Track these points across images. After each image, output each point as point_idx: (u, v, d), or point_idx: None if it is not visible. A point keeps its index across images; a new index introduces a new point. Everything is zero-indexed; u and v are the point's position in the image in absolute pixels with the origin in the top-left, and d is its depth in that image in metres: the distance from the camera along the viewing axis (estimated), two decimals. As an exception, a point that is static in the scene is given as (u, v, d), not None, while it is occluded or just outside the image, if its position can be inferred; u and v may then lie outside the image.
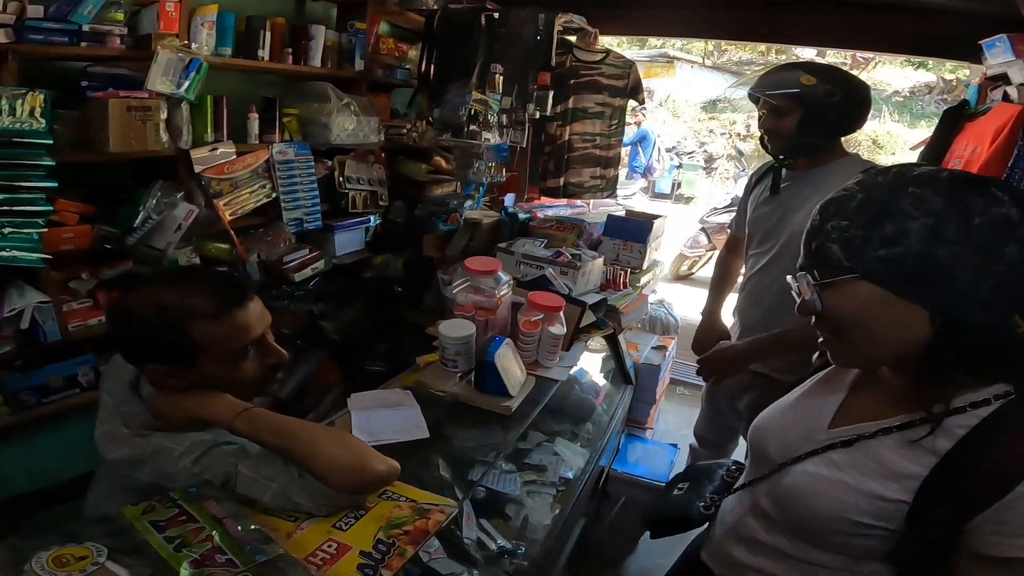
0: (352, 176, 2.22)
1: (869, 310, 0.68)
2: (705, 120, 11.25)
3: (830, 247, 0.70)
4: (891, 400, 0.75)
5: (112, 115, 1.47)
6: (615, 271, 1.83)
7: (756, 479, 0.89)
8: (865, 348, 0.72)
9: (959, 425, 0.67)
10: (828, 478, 0.74)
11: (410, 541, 0.82)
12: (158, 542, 0.71)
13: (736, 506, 0.93)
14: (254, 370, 0.95)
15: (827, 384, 0.87)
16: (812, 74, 1.48)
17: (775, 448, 0.85)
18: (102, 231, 1.49)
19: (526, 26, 2.36)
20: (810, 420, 0.83)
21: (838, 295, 0.70)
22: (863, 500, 0.70)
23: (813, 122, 1.49)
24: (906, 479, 0.68)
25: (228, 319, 0.90)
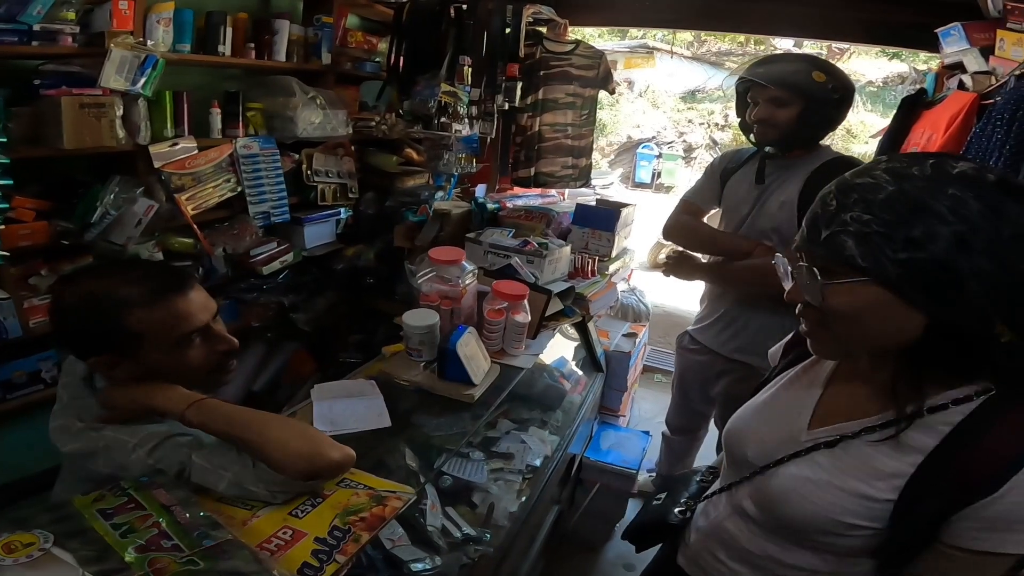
0: (320, 169, 2.21)
1: (870, 311, 0.65)
2: (684, 110, 11.32)
3: (844, 240, 0.64)
4: (870, 396, 0.74)
5: (65, 112, 1.46)
6: (583, 259, 1.85)
7: (735, 482, 0.87)
8: (852, 343, 0.71)
9: (942, 422, 0.66)
10: (815, 480, 0.73)
11: (366, 527, 0.83)
12: (104, 528, 0.72)
13: (716, 509, 0.91)
14: (201, 358, 0.95)
15: (800, 381, 0.85)
16: (821, 71, 1.51)
17: (754, 451, 0.84)
18: (59, 227, 1.48)
19: (494, 17, 2.36)
20: (788, 421, 0.81)
21: (841, 293, 0.66)
22: (852, 501, 0.70)
23: (813, 116, 1.53)
24: (892, 478, 0.68)
25: (164, 306, 0.90)
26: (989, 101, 1.80)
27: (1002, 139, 1.60)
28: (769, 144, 1.62)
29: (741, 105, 1.68)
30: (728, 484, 0.90)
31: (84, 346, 0.91)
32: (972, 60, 1.98)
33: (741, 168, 1.76)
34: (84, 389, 0.95)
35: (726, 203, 1.77)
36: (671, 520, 0.99)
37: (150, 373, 0.92)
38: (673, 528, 1.00)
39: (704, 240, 1.76)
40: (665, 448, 2.33)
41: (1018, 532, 0.62)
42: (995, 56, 1.86)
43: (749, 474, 0.84)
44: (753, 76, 1.56)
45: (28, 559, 0.64)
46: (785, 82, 1.51)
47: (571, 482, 2.04)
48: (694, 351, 1.90)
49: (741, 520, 0.85)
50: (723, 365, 1.79)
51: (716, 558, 0.89)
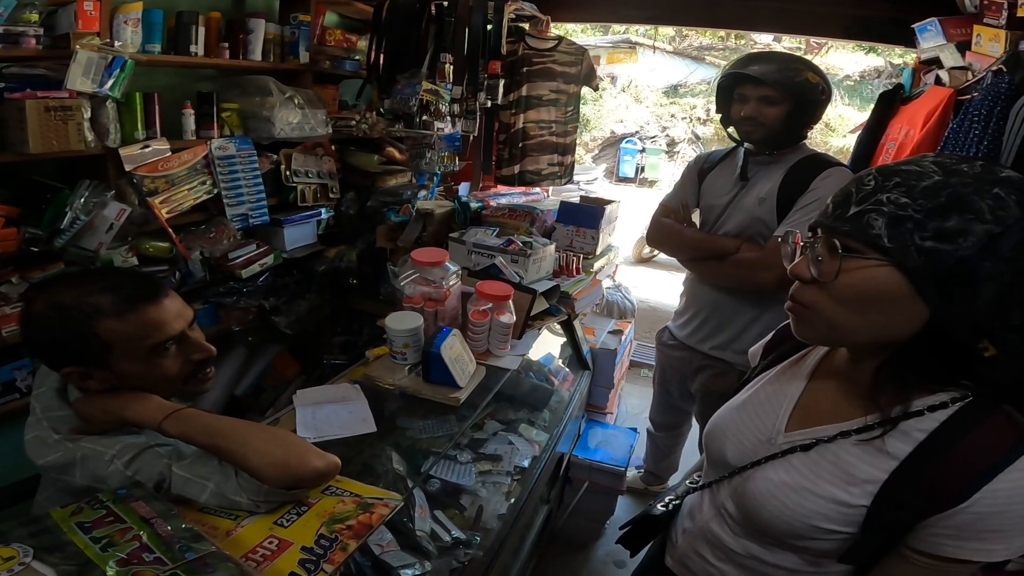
0: (300, 169, 2.17)
1: (879, 297, 0.64)
2: (667, 105, 11.38)
3: (875, 219, 0.63)
4: (847, 398, 0.74)
5: (30, 116, 1.41)
6: (568, 257, 1.84)
7: (716, 480, 0.88)
8: (846, 329, 0.68)
9: (917, 429, 0.66)
10: (791, 485, 0.73)
11: (353, 535, 0.82)
12: (84, 542, 0.70)
13: (700, 509, 0.92)
14: (176, 367, 0.93)
15: (779, 382, 0.85)
16: (814, 72, 1.55)
17: (732, 452, 0.84)
18: (28, 233, 1.43)
19: (475, 14, 2.33)
20: (766, 423, 0.81)
21: (855, 272, 0.65)
22: (826, 506, 0.70)
23: (802, 115, 1.56)
24: (866, 484, 0.68)
25: (135, 316, 0.88)
26: (966, 97, 1.83)
27: (979, 135, 1.62)
28: (754, 141, 1.63)
29: (724, 100, 1.67)
30: (709, 483, 0.90)
31: (55, 357, 0.89)
32: (948, 56, 2.00)
33: (717, 166, 1.78)
34: (57, 400, 0.93)
35: (704, 201, 1.78)
36: (654, 513, 1.00)
37: (124, 383, 0.90)
38: (658, 522, 1.00)
39: (688, 243, 1.75)
40: (650, 444, 2.34)
41: (983, 541, 0.63)
42: (971, 52, 1.89)
43: (728, 474, 0.84)
44: (750, 73, 1.55)
45: (8, 573, 0.62)
46: (781, 82, 1.52)
47: (560, 481, 2.04)
48: (672, 347, 1.91)
49: (724, 520, 0.86)
50: (701, 361, 1.80)
51: (703, 558, 0.89)
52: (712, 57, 12.02)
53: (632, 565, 1.16)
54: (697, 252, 1.73)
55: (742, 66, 1.59)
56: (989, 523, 0.62)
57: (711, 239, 1.71)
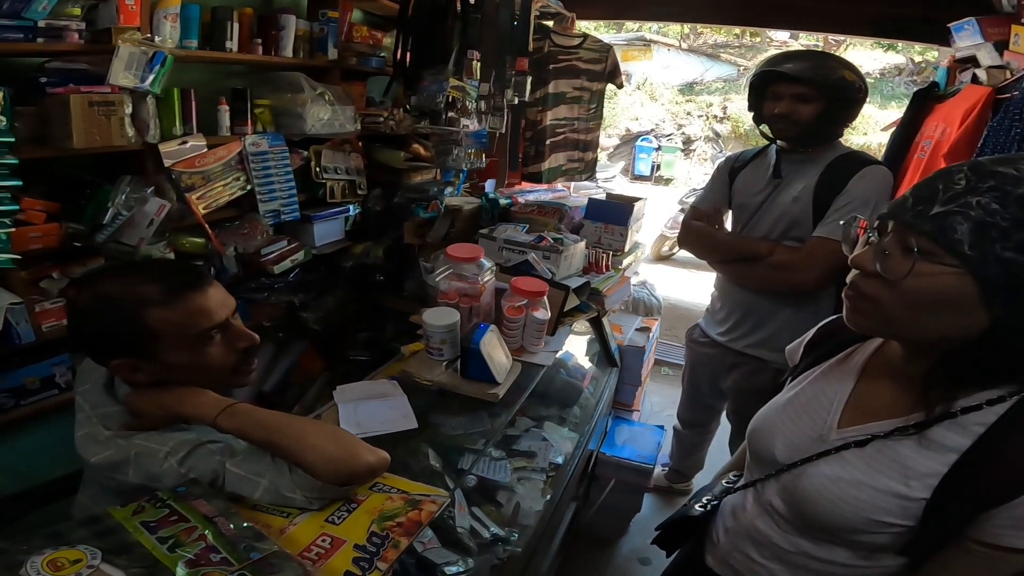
0: (329, 166, 2.18)
1: (948, 301, 0.63)
2: (682, 103, 11.31)
3: (959, 222, 0.61)
4: (901, 393, 0.74)
5: (74, 111, 1.41)
6: (597, 254, 1.84)
7: (761, 479, 0.87)
8: (905, 327, 0.68)
9: (976, 423, 0.66)
10: (848, 480, 0.73)
11: (403, 533, 0.82)
12: (151, 543, 0.70)
13: (743, 508, 0.91)
14: (222, 355, 0.93)
15: (827, 379, 0.84)
16: (850, 70, 1.53)
17: (782, 449, 0.83)
18: (70, 229, 1.45)
19: (502, 11, 2.33)
20: (817, 419, 0.81)
21: (928, 277, 0.63)
22: (886, 500, 0.70)
23: (837, 113, 1.54)
24: (927, 477, 0.68)
25: (182, 304, 0.88)
26: (1004, 96, 1.80)
27: (1020, 134, 1.60)
28: (788, 139, 1.61)
29: (757, 98, 1.66)
30: (753, 481, 0.90)
31: (104, 349, 0.89)
32: (986, 54, 1.98)
33: (748, 165, 1.76)
34: (106, 396, 0.93)
35: (736, 200, 1.77)
36: (692, 513, 0.99)
37: (172, 375, 0.90)
38: (696, 523, 1.00)
39: (721, 246, 1.74)
40: (676, 442, 2.34)
41: None
42: (1009, 51, 1.86)
43: (775, 472, 0.84)
44: (784, 70, 1.54)
45: None
46: (816, 80, 1.50)
47: (587, 478, 2.04)
48: (704, 344, 1.90)
49: (771, 518, 0.85)
50: (734, 359, 1.79)
51: (748, 557, 0.89)
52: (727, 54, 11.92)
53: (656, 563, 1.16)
54: (730, 255, 1.72)
55: (776, 64, 1.58)
56: None
57: (743, 241, 1.69)
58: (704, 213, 1.79)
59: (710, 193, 1.84)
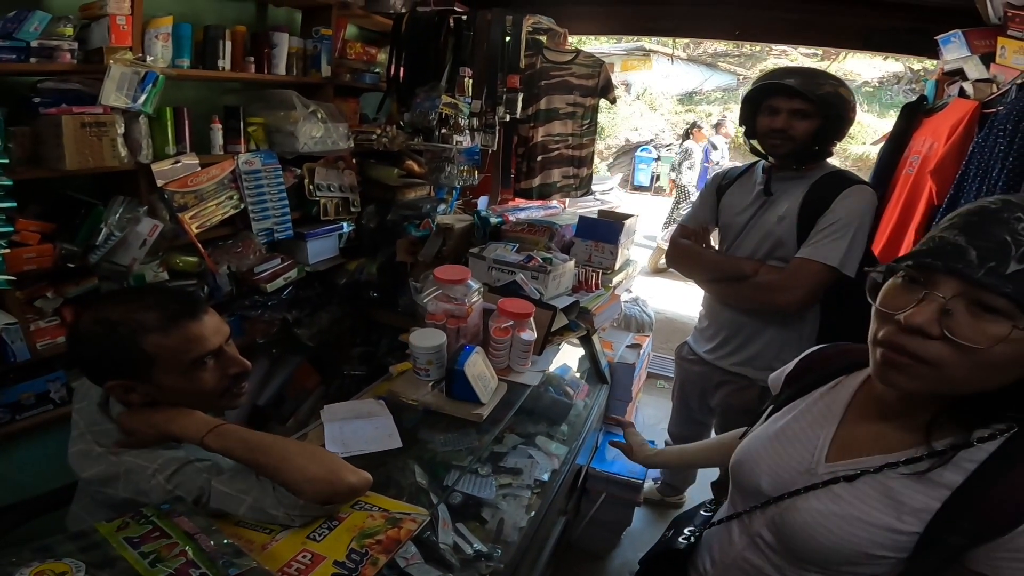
0: (322, 183, 2.20)
1: (1004, 363, 0.60)
2: (682, 112, 11.34)
3: None
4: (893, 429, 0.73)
5: (66, 132, 1.43)
6: (587, 273, 1.85)
7: (747, 511, 0.87)
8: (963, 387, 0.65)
9: (968, 459, 0.66)
10: (839, 514, 0.73)
11: (383, 550, 0.84)
12: (133, 557, 0.73)
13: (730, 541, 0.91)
14: (214, 380, 0.97)
15: (813, 412, 0.84)
16: (843, 87, 1.54)
17: (767, 481, 0.83)
18: (64, 249, 1.47)
19: (493, 28, 2.35)
20: (803, 453, 0.80)
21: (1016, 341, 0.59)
22: (878, 533, 0.70)
23: (831, 132, 1.54)
24: (919, 512, 0.68)
25: (178, 331, 0.92)
26: (991, 110, 1.80)
27: (1004, 150, 1.60)
28: (780, 156, 1.60)
29: (751, 112, 1.64)
30: (738, 513, 0.89)
31: (101, 371, 0.93)
32: (973, 67, 1.98)
33: (735, 182, 1.76)
34: (100, 414, 0.96)
35: (722, 218, 1.77)
36: (676, 546, 0.99)
37: (165, 396, 0.94)
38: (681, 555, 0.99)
39: (707, 264, 1.75)
40: (668, 457, 2.34)
41: None
42: (996, 63, 1.87)
43: (761, 504, 0.84)
44: (785, 83, 1.53)
45: None
46: (816, 95, 1.50)
47: (577, 492, 2.04)
48: (692, 362, 1.90)
49: (761, 551, 0.85)
50: (721, 376, 1.79)
51: None
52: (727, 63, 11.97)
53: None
54: (715, 274, 1.72)
55: (775, 78, 1.57)
56: None
57: (729, 261, 1.70)
58: (691, 231, 1.80)
59: (698, 211, 1.84)
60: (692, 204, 1.92)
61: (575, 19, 2.82)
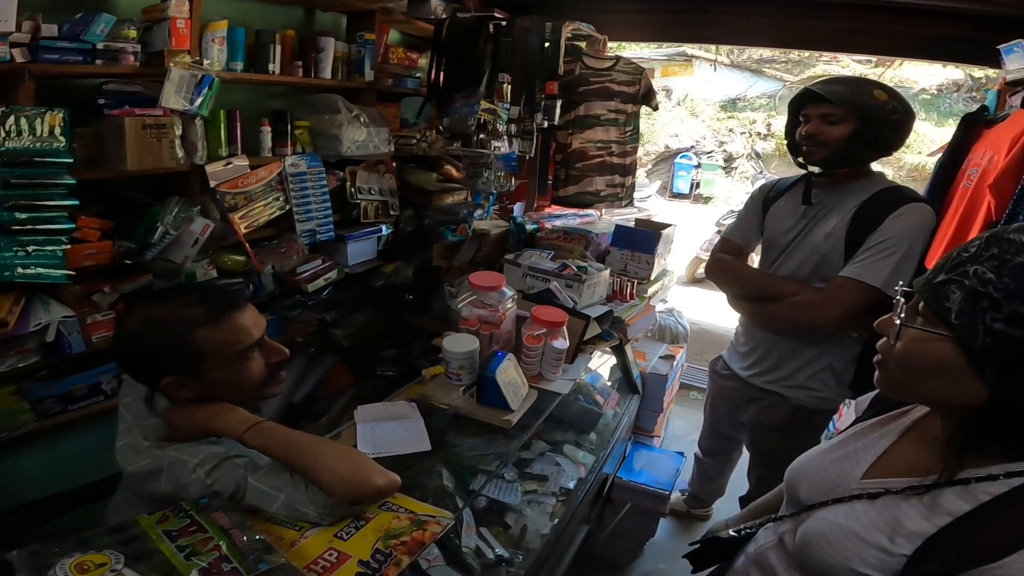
0: (363, 187, 2.25)
1: (935, 367, 0.66)
2: (724, 119, 11.11)
3: (952, 291, 0.63)
4: (926, 454, 0.74)
5: (129, 134, 1.49)
6: (622, 282, 1.84)
7: (787, 515, 0.90)
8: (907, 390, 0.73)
9: (985, 492, 0.66)
10: (843, 529, 0.75)
11: (407, 551, 0.86)
12: (170, 550, 0.76)
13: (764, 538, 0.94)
14: (258, 370, 1.01)
15: (874, 431, 0.86)
16: (883, 90, 1.47)
17: (805, 490, 0.86)
18: (122, 247, 1.53)
19: (532, 34, 2.37)
20: (845, 467, 0.83)
21: (919, 340, 0.67)
22: (869, 551, 0.71)
23: (867, 136, 1.47)
24: (914, 536, 0.68)
25: (227, 323, 0.96)
26: (1056, 124, 1.71)
27: (1068, 166, 1.52)
28: (815, 163, 1.56)
29: (792, 123, 1.62)
30: (781, 516, 0.93)
31: (151, 369, 0.96)
32: (1037, 78, 1.89)
33: (784, 195, 1.70)
34: (146, 409, 1.00)
35: (767, 232, 1.71)
36: (722, 535, 1.02)
37: (214, 390, 0.97)
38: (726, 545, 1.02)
39: (746, 281, 1.70)
40: (697, 469, 2.30)
41: None
42: (1062, 75, 1.77)
43: (797, 511, 0.86)
44: (812, 90, 1.51)
45: None
46: (841, 98, 1.46)
47: (601, 501, 2.03)
48: (726, 376, 1.87)
49: (781, 552, 0.88)
50: (754, 393, 1.75)
51: None
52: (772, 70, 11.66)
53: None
54: (754, 292, 1.67)
55: (805, 88, 1.56)
56: None
57: (770, 280, 1.64)
58: (733, 246, 1.76)
59: (741, 224, 1.79)
60: (736, 214, 1.85)
61: (614, 26, 2.80)
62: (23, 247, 1.37)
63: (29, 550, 0.71)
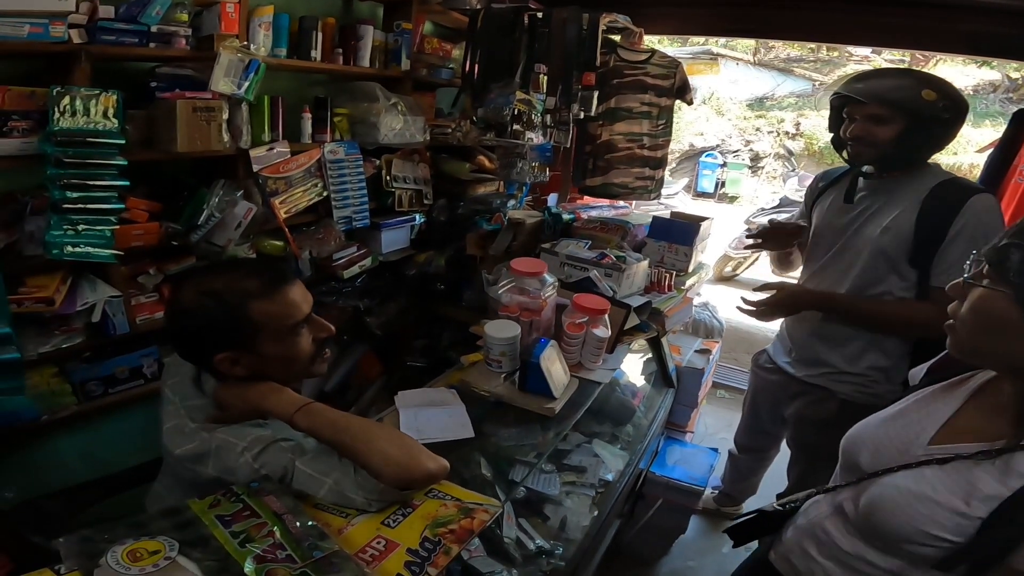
0: (398, 175, 2.25)
1: (999, 324, 0.72)
2: (751, 118, 10.95)
3: (1012, 252, 0.71)
4: (995, 420, 0.77)
5: (180, 116, 1.51)
6: (660, 273, 1.82)
7: (843, 484, 0.92)
8: (976, 349, 0.77)
9: None
10: (915, 493, 0.77)
11: (455, 540, 0.84)
12: (224, 536, 0.74)
13: (817, 509, 0.96)
14: (308, 346, 1.01)
15: (936, 399, 0.88)
16: (932, 88, 1.39)
17: (867, 458, 0.88)
18: (169, 228, 1.55)
19: (569, 26, 2.34)
20: (910, 434, 0.85)
21: (979, 295, 0.74)
22: (945, 516, 0.74)
23: (917, 136, 1.41)
24: (990, 499, 0.71)
25: (280, 296, 0.95)
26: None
27: None
28: (865, 163, 1.52)
29: (835, 120, 1.58)
30: (836, 486, 0.94)
31: (207, 343, 0.94)
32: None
33: (831, 188, 1.66)
34: (194, 389, 1.00)
35: (816, 225, 1.67)
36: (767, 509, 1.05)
37: (266, 366, 0.96)
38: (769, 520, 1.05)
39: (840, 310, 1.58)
40: (730, 466, 2.27)
41: None
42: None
43: (856, 479, 0.88)
44: (851, 92, 1.46)
45: (155, 568, 0.64)
46: (886, 99, 1.40)
47: (634, 496, 2.01)
48: (769, 370, 1.83)
49: (840, 520, 0.90)
50: (798, 387, 1.71)
51: (807, 554, 0.94)
52: (802, 69, 11.46)
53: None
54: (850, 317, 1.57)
55: (848, 85, 1.50)
56: None
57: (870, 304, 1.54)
58: None
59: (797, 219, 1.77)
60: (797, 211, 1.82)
61: (652, 19, 2.76)
62: (73, 226, 1.39)
63: (78, 536, 0.68)
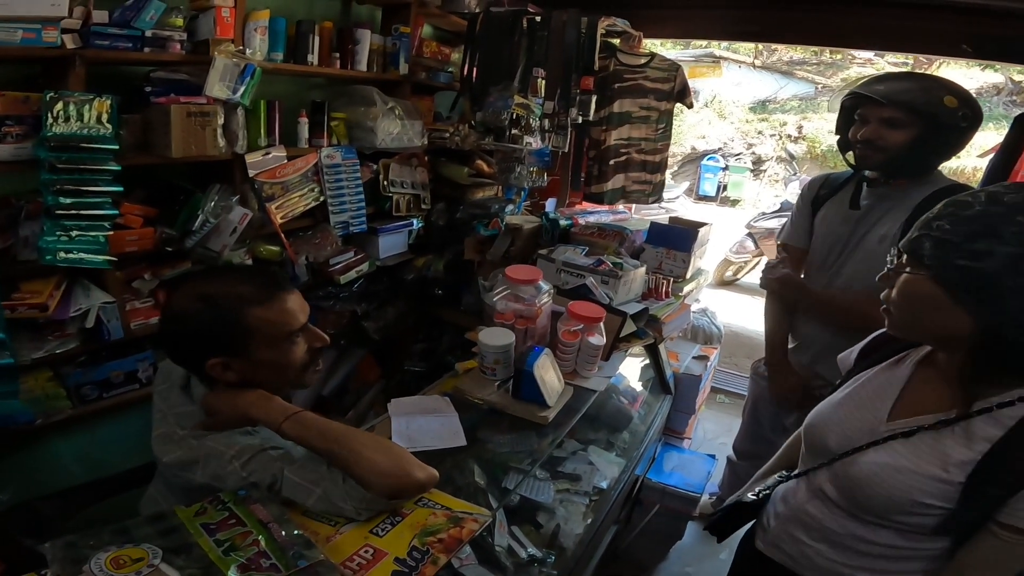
0: (396, 179, 2.25)
1: (921, 301, 0.81)
2: (754, 121, 10.93)
3: (924, 242, 0.80)
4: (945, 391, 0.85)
5: (174, 121, 1.50)
6: (657, 280, 1.80)
7: (814, 468, 0.97)
8: (911, 328, 0.87)
9: (1009, 416, 0.78)
10: (894, 466, 0.84)
11: (443, 549, 0.84)
12: (208, 544, 0.73)
13: (794, 496, 1.01)
14: (302, 355, 0.99)
15: (880, 379, 0.96)
16: (954, 95, 1.36)
17: (835, 440, 0.94)
18: (164, 234, 1.55)
19: (568, 29, 2.34)
20: (869, 413, 0.92)
21: (905, 283, 0.83)
22: (927, 483, 0.81)
23: (929, 142, 1.38)
24: (963, 464, 0.79)
25: (276, 303, 0.94)
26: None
27: None
28: (871, 168, 1.49)
29: (844, 121, 1.54)
30: (806, 470, 1.00)
31: (200, 348, 0.94)
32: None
33: (836, 195, 1.62)
34: (183, 396, 0.99)
35: (817, 234, 1.64)
36: (745, 500, 1.10)
37: (258, 373, 0.95)
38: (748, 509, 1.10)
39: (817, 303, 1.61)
40: (728, 472, 2.25)
41: None
42: None
43: (828, 460, 0.94)
44: (870, 93, 1.42)
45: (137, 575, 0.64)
46: (907, 103, 1.36)
47: (631, 502, 1.99)
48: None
49: (822, 503, 0.95)
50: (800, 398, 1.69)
51: (797, 539, 0.98)
52: (804, 72, 11.43)
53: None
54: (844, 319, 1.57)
55: (867, 86, 1.46)
56: None
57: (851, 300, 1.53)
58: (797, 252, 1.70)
59: (796, 226, 1.71)
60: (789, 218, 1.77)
61: (652, 22, 2.75)
62: (66, 232, 1.38)
63: (64, 541, 0.67)
